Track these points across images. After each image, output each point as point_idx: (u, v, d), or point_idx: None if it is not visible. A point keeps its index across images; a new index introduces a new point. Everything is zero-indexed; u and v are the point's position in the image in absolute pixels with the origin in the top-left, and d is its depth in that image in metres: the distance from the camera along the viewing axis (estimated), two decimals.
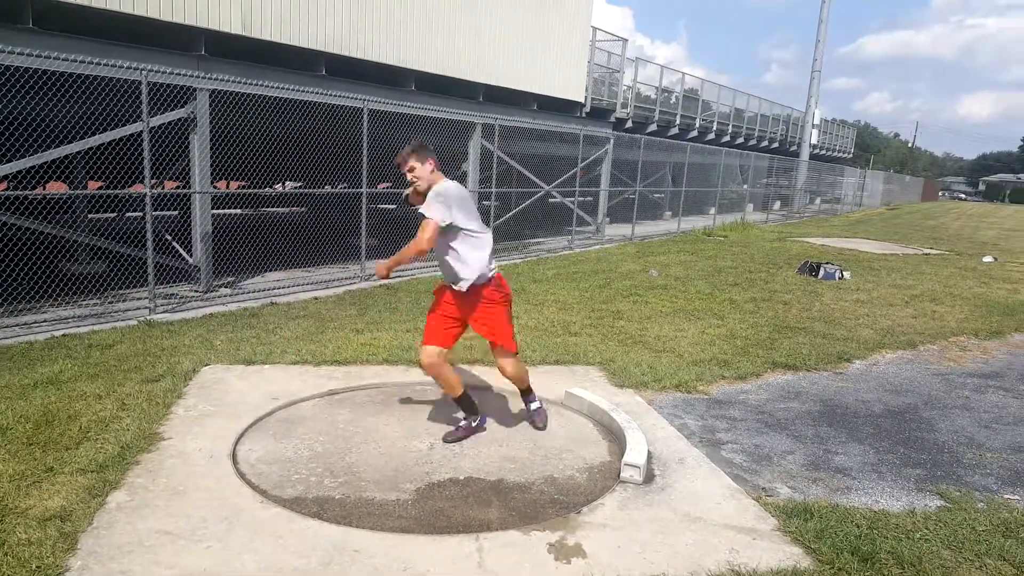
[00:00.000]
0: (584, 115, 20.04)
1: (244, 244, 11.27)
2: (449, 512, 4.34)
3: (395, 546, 3.87)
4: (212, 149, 9.99)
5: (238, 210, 21.48)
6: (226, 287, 10.68)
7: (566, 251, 17.28)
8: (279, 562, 3.67)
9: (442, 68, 14.27)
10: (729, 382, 7.16)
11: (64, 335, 7.68)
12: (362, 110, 11.41)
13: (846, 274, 14.23)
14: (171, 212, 16.26)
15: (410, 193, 5.21)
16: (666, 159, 24.81)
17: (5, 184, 13.13)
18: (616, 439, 5.53)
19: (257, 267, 11.94)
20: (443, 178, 5.05)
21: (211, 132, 9.92)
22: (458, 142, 15.03)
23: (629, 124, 23.49)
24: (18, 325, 8.01)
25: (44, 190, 12.55)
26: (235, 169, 11.52)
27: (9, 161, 8.25)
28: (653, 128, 25.26)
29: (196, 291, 10.18)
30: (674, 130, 27.41)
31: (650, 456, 5.09)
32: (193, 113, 9.63)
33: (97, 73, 8.39)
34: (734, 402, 6.60)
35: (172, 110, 9.46)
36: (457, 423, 5.56)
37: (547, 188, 17.36)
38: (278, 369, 6.81)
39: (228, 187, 19.35)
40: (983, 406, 6.86)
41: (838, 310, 10.89)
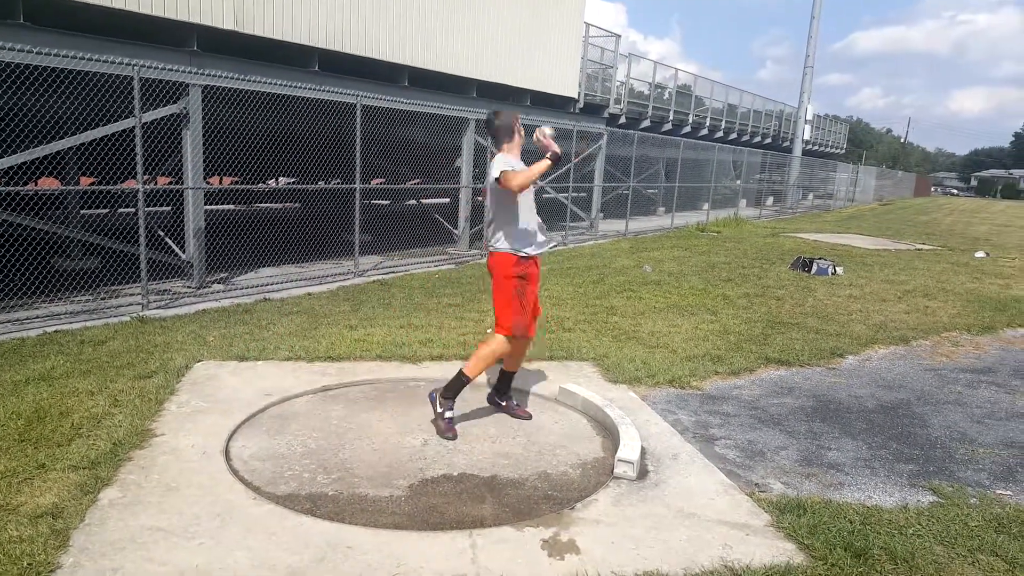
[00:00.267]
0: (578, 111, 20.04)
1: (237, 240, 11.25)
2: (442, 508, 4.33)
3: (388, 542, 3.86)
4: (205, 145, 9.96)
5: (231, 206, 21.44)
6: (219, 283, 10.66)
7: (560, 247, 17.29)
8: (272, 559, 3.66)
9: (436, 64, 14.25)
10: (722, 378, 7.16)
11: (56, 331, 7.66)
12: (355, 106, 11.39)
13: (839, 269, 14.26)
14: (164, 208, 16.26)
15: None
16: (659, 155, 24.84)
17: None
18: (610, 435, 5.54)
19: (250, 263, 11.91)
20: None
21: (204, 128, 9.89)
22: (452, 138, 15.02)
23: (623, 120, 23.51)
24: (10, 321, 7.98)
25: (36, 186, 12.49)
26: (228, 165, 11.50)
27: (1, 157, 8.22)
28: (647, 124, 25.29)
29: (189, 287, 10.16)
30: (667, 126, 27.42)
31: (644, 452, 5.10)
32: (186, 109, 9.60)
33: (89, 69, 8.35)
34: (727, 398, 6.61)
35: (165, 106, 9.42)
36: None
37: (540, 183, 17.35)
38: (271, 365, 6.80)
39: (221, 183, 19.27)
40: (975, 401, 6.88)
41: (831, 305, 10.91)
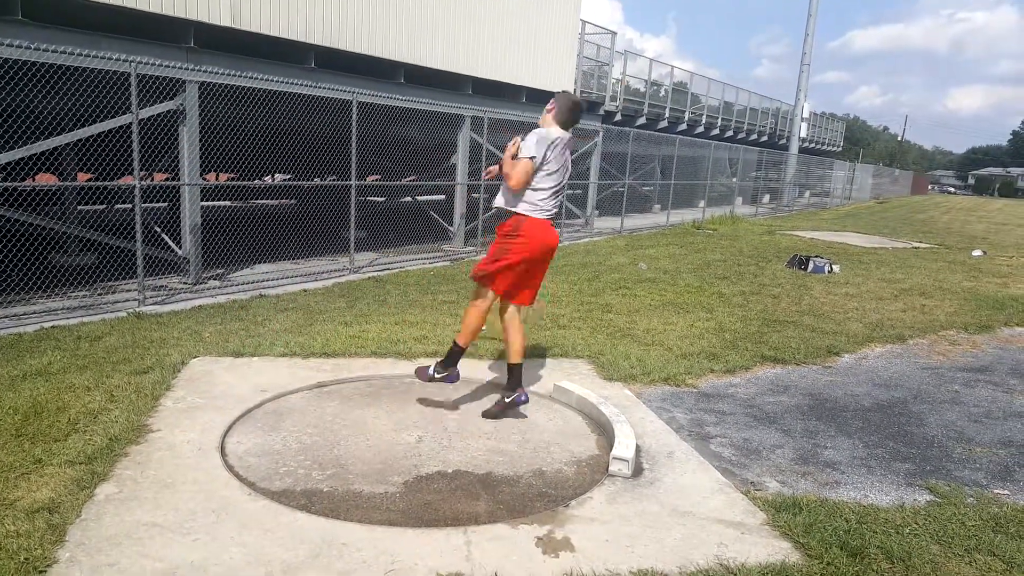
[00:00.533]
0: None
1: (233, 236, 11.24)
2: (437, 505, 4.34)
3: (383, 539, 3.87)
4: (201, 141, 9.96)
5: (227, 202, 21.40)
6: (215, 279, 10.65)
7: None
8: (267, 555, 3.67)
9: (431, 61, 14.23)
10: (718, 376, 7.17)
11: (53, 327, 7.65)
12: (351, 102, 11.38)
13: (835, 268, 14.28)
14: (160, 204, 16.22)
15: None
16: (655, 152, 24.83)
17: None
18: (605, 432, 5.55)
19: (246, 259, 11.90)
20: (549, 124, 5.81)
21: (200, 124, 9.88)
22: (447, 135, 15.01)
23: (618, 117, 23.53)
24: (7, 317, 7.97)
25: (33, 182, 12.46)
26: (224, 161, 11.48)
27: None
28: (642, 121, 25.31)
29: (185, 283, 10.15)
30: (663, 123, 27.45)
31: (638, 450, 5.10)
32: (182, 105, 9.59)
33: (86, 65, 8.34)
34: (723, 396, 6.62)
35: (161, 102, 9.42)
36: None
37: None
38: (267, 361, 6.80)
39: (217, 179, 19.27)
40: (973, 400, 6.89)
41: (827, 304, 10.92)
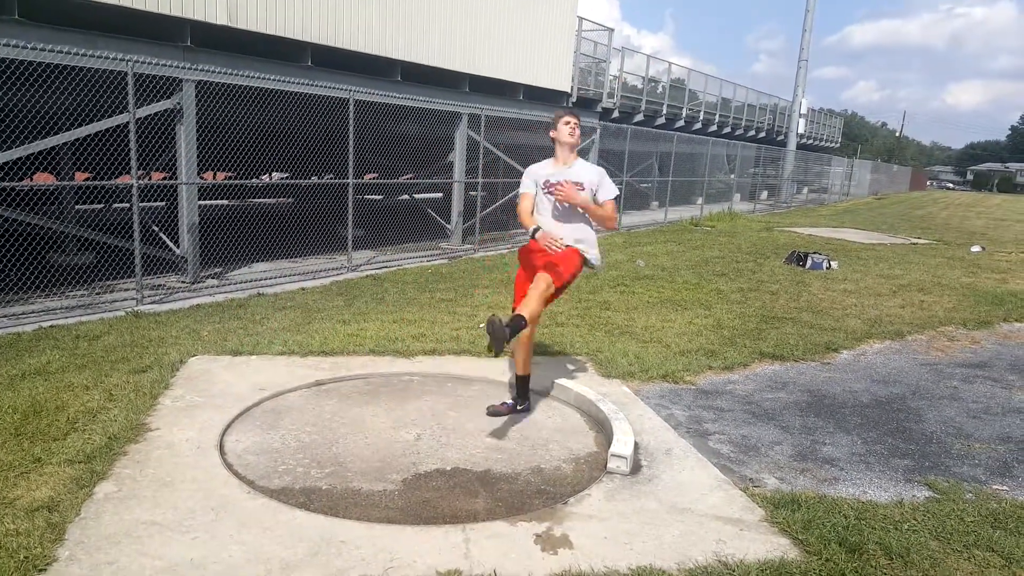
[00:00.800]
0: (571, 105, 20.00)
1: (231, 235, 11.24)
2: (436, 503, 4.34)
3: (381, 537, 3.87)
4: (199, 140, 9.95)
5: (225, 201, 21.39)
6: (213, 278, 10.65)
7: None
8: (266, 553, 3.67)
9: (428, 58, 14.23)
10: (716, 372, 7.17)
11: (52, 326, 7.65)
12: (348, 100, 11.37)
13: (834, 264, 14.28)
14: (158, 203, 16.20)
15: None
16: (653, 149, 24.81)
17: None
18: (603, 429, 5.55)
19: (244, 258, 11.90)
20: None
21: (198, 123, 9.88)
22: (444, 132, 15.01)
23: (616, 114, 23.50)
24: (6, 316, 7.97)
25: (31, 181, 12.45)
26: (222, 160, 11.48)
27: None
28: (640, 118, 25.28)
29: (183, 282, 10.15)
30: (661, 120, 27.43)
31: (637, 447, 5.10)
32: (179, 104, 9.59)
33: (83, 64, 8.34)
34: (721, 392, 6.62)
35: (158, 101, 9.41)
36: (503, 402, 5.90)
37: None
38: (265, 360, 6.80)
39: (215, 178, 19.26)
40: (971, 396, 6.89)
41: (826, 300, 10.93)
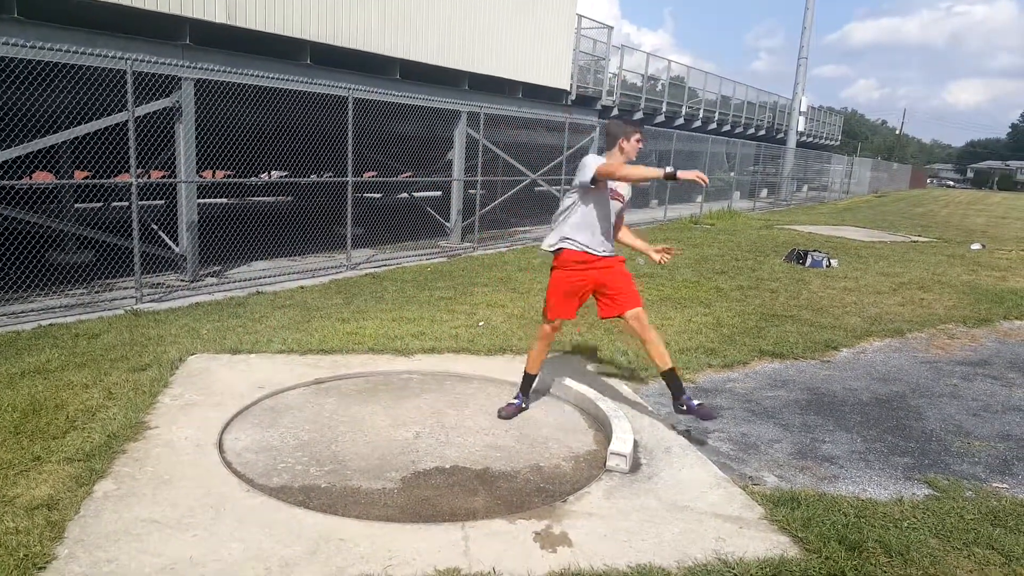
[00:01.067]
0: (570, 103, 20.02)
1: (230, 233, 11.23)
2: (435, 501, 4.34)
3: (380, 535, 3.87)
4: (198, 139, 9.94)
5: (224, 199, 21.37)
6: (212, 276, 10.65)
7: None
8: (265, 550, 3.67)
9: (427, 56, 14.22)
10: (716, 370, 7.18)
11: (51, 324, 7.64)
12: (347, 99, 11.37)
13: (833, 262, 14.28)
14: (157, 201, 16.19)
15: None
16: (652, 147, 24.79)
17: None
18: (602, 428, 5.55)
19: (243, 256, 11.90)
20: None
21: (197, 121, 9.87)
22: (443, 130, 15.00)
23: (615, 112, 23.46)
24: (5, 315, 7.97)
25: (30, 180, 12.44)
26: (221, 159, 11.48)
27: None
28: (639, 116, 25.26)
29: (182, 280, 10.15)
30: (660, 118, 27.42)
31: (636, 445, 5.10)
32: (178, 102, 9.58)
33: (82, 63, 8.33)
34: (721, 390, 6.63)
35: (157, 99, 9.40)
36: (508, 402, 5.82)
37: (533, 176, 17.33)
38: (264, 358, 6.79)
39: (214, 176, 19.27)
40: (971, 394, 6.90)
41: (825, 298, 10.93)
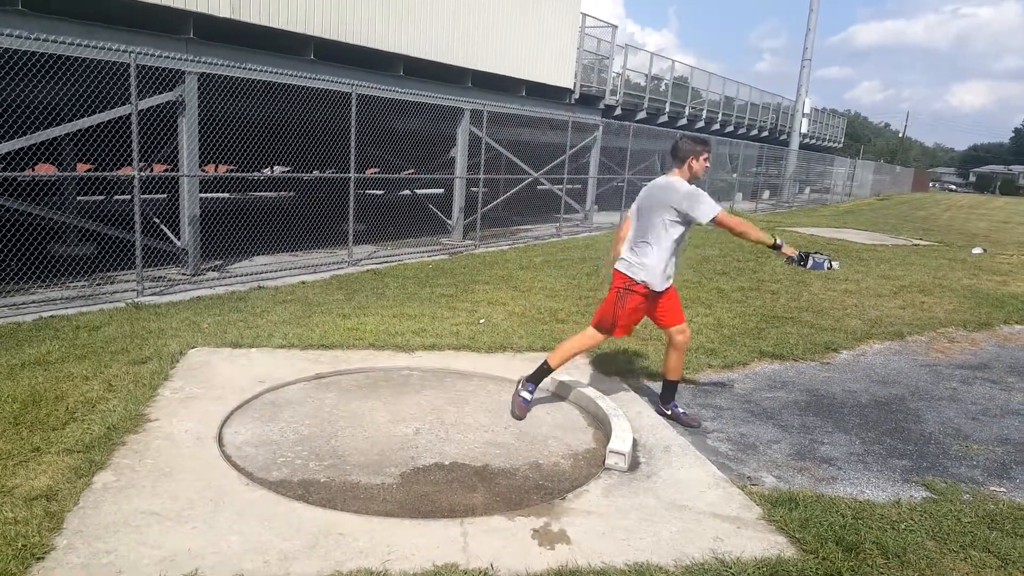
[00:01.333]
0: (573, 102, 20.01)
1: (232, 228, 11.24)
2: (434, 497, 4.35)
3: (379, 530, 3.88)
4: (200, 133, 9.95)
5: (226, 194, 21.38)
6: (214, 270, 10.66)
7: (554, 238, 17.29)
8: (264, 544, 3.68)
9: (431, 53, 14.22)
10: (716, 371, 7.18)
11: (52, 316, 7.65)
12: (350, 95, 11.37)
13: (835, 264, 14.14)
14: (159, 195, 16.19)
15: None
16: (655, 147, 24.79)
17: None
18: (602, 426, 5.56)
19: (245, 251, 11.90)
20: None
21: (200, 116, 9.88)
22: (446, 128, 15.00)
23: (618, 111, 23.46)
24: (6, 306, 7.98)
25: (33, 172, 12.45)
26: (224, 153, 11.49)
27: None
28: (642, 115, 25.22)
29: (184, 274, 10.16)
30: (663, 118, 27.38)
31: (635, 444, 5.11)
32: (182, 96, 9.59)
33: (86, 56, 8.33)
34: (720, 391, 6.63)
35: (161, 93, 9.41)
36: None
37: (535, 175, 17.34)
38: (265, 352, 6.80)
39: (216, 171, 19.28)
40: (970, 398, 6.90)
41: (826, 300, 10.93)
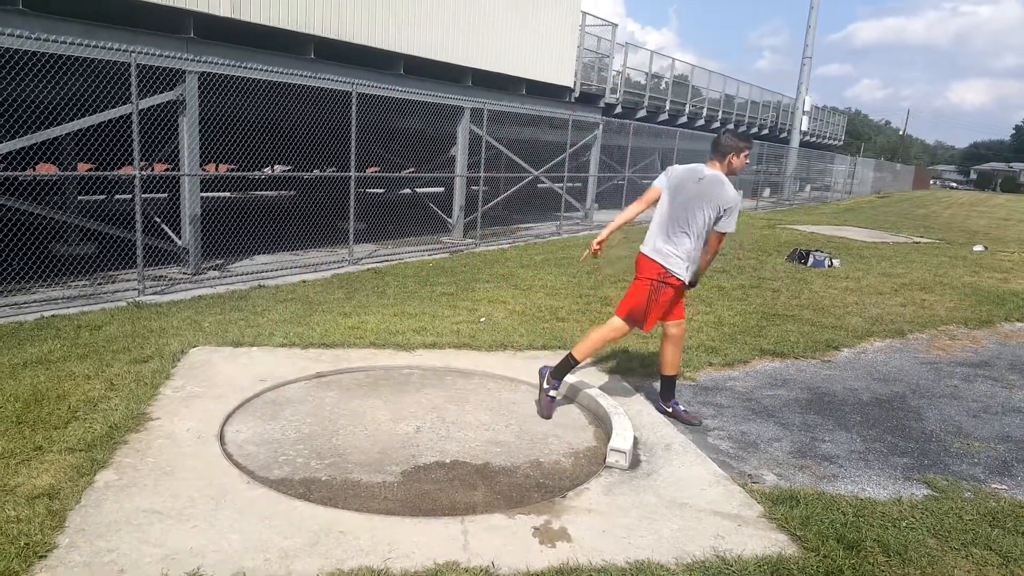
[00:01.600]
0: (573, 100, 20.01)
1: (233, 227, 11.25)
2: (434, 495, 4.35)
3: (380, 528, 3.88)
4: (201, 132, 9.96)
5: (227, 193, 21.40)
6: (214, 269, 10.67)
7: (554, 236, 17.29)
8: (265, 542, 3.68)
9: (431, 52, 14.23)
10: (716, 369, 7.18)
11: (53, 316, 7.66)
12: (351, 93, 11.37)
13: (835, 262, 14.27)
14: (160, 195, 16.21)
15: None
16: (655, 145, 24.79)
17: None
18: (602, 424, 5.56)
19: (246, 250, 11.92)
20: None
21: (200, 115, 9.88)
22: (447, 126, 15.01)
23: (619, 110, 23.44)
24: (8, 305, 7.99)
25: (34, 171, 12.47)
26: (224, 152, 11.50)
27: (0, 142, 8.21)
28: (643, 114, 25.20)
29: (185, 273, 10.16)
30: (664, 116, 27.35)
31: (636, 442, 5.12)
32: (182, 96, 9.59)
33: (86, 55, 8.34)
34: (721, 389, 6.63)
35: (161, 92, 9.41)
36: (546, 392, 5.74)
37: (536, 173, 17.34)
38: (266, 351, 6.81)
39: (217, 170, 19.30)
40: (971, 395, 6.90)
41: (827, 298, 10.93)
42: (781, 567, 3.70)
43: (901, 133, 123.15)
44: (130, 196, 9.91)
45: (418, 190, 19.64)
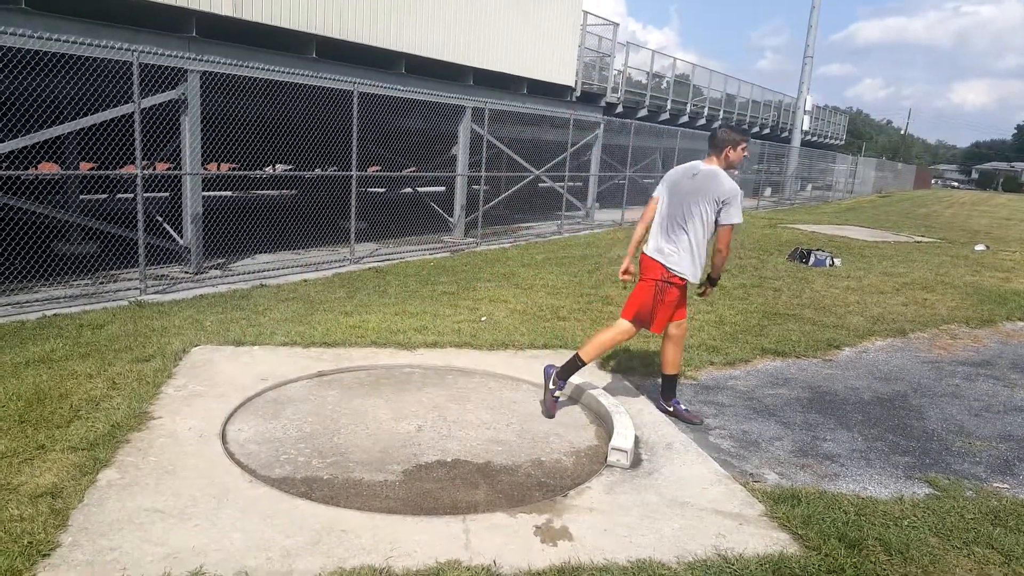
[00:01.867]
0: (574, 100, 20.01)
1: (234, 226, 11.25)
2: (436, 494, 4.36)
3: (382, 526, 3.89)
4: (203, 131, 9.96)
5: (229, 192, 21.41)
6: (216, 268, 10.67)
7: (555, 236, 17.29)
8: (267, 540, 3.69)
9: (433, 51, 14.23)
10: (718, 368, 7.18)
11: (55, 315, 7.67)
12: (352, 93, 11.38)
13: (837, 261, 14.27)
14: (162, 194, 16.22)
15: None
16: (656, 144, 24.78)
17: None
18: (603, 423, 5.56)
19: (247, 249, 11.92)
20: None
21: (202, 114, 9.89)
22: (448, 126, 15.01)
23: (620, 109, 23.43)
24: (10, 304, 7.99)
25: (36, 170, 12.48)
26: (226, 151, 11.51)
27: (1, 141, 8.21)
28: (644, 113, 25.20)
29: (186, 272, 10.17)
30: (665, 115, 27.34)
31: (637, 440, 5.12)
32: (184, 95, 9.59)
33: (88, 54, 8.34)
34: (722, 388, 6.64)
35: (163, 91, 9.42)
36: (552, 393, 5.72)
37: (537, 173, 17.34)
38: (267, 350, 6.81)
39: (219, 169, 19.31)
40: (973, 394, 6.90)
41: (828, 297, 10.92)
42: (783, 566, 3.71)
43: (903, 132, 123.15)
44: (132, 195, 9.92)
45: (419, 189, 19.65)
